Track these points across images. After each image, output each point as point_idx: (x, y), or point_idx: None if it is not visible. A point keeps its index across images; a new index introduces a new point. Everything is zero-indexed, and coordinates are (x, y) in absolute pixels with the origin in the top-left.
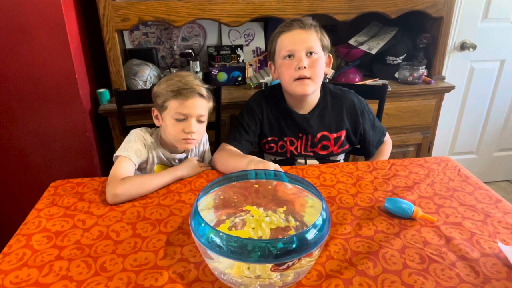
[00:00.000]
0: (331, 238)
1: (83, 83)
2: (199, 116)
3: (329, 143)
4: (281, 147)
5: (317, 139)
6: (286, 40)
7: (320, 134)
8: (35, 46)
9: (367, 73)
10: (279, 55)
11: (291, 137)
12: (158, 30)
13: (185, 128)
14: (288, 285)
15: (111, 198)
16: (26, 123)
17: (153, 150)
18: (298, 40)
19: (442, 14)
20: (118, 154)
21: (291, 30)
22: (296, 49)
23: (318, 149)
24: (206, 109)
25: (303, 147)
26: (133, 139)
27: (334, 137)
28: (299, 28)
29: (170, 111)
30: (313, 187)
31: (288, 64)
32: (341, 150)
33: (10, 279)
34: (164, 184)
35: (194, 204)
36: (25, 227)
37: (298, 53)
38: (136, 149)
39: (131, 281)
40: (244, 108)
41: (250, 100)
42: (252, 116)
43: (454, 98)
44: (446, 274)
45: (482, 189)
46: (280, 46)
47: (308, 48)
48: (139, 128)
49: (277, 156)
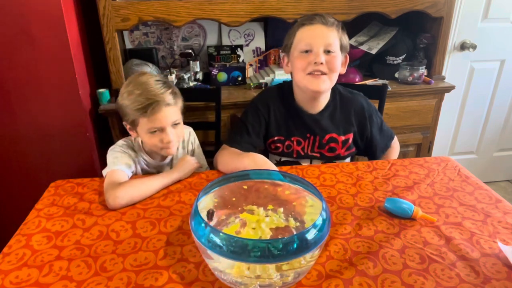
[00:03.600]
0: (331, 238)
1: (83, 83)
2: (173, 122)
3: (337, 145)
4: (288, 147)
5: (325, 140)
6: (306, 34)
7: (328, 135)
8: (35, 46)
9: (367, 73)
10: (296, 48)
11: (299, 137)
12: (158, 30)
13: (163, 139)
14: (288, 285)
15: (113, 200)
16: (26, 123)
17: (138, 165)
18: (318, 35)
19: (442, 14)
20: (109, 169)
21: (313, 24)
22: (314, 44)
23: (326, 150)
24: (178, 112)
25: (310, 147)
26: (120, 155)
27: (342, 140)
28: (321, 24)
29: (142, 127)
30: (313, 187)
31: (305, 57)
32: (348, 153)
33: (10, 279)
34: (163, 186)
35: (194, 204)
36: (25, 227)
37: (316, 48)
38: (125, 162)
39: (131, 281)
40: (249, 108)
41: (256, 99)
42: (257, 116)
43: (454, 98)
44: (446, 274)
45: (482, 189)
46: (299, 39)
47: (327, 45)
48: (118, 145)
49: (283, 157)
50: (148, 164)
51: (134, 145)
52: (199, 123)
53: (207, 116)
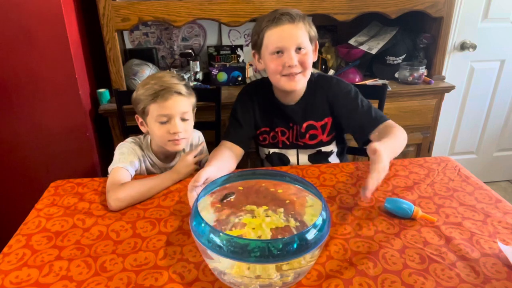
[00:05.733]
0: (331, 238)
1: (83, 83)
2: (183, 114)
3: (316, 131)
4: (273, 137)
5: (304, 129)
6: (275, 36)
7: (306, 123)
8: (35, 46)
9: (367, 73)
10: (267, 49)
11: (282, 128)
12: (158, 30)
13: (170, 129)
14: (288, 285)
15: (114, 202)
16: (26, 123)
17: (143, 164)
18: (287, 36)
19: (442, 14)
20: (114, 166)
21: (280, 25)
22: (285, 46)
23: (307, 139)
24: (188, 105)
25: (294, 137)
26: (126, 151)
27: (320, 125)
28: (288, 23)
29: (152, 116)
30: (313, 187)
31: (277, 59)
32: (330, 138)
33: (10, 279)
34: (164, 188)
35: (194, 204)
36: (25, 227)
37: (288, 51)
38: (131, 160)
39: (131, 281)
40: (237, 102)
41: (241, 94)
42: (246, 108)
43: (454, 98)
44: (446, 274)
45: (482, 189)
46: (267, 41)
47: (297, 44)
48: (128, 141)
49: (271, 149)
50: (153, 164)
51: (142, 143)
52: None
53: (207, 116)
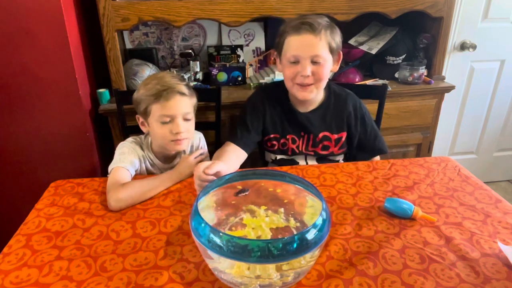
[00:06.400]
0: (331, 238)
1: (83, 83)
2: (185, 114)
3: (330, 143)
4: (283, 144)
5: (319, 138)
6: (293, 44)
7: (322, 134)
8: (35, 46)
9: (367, 73)
10: (285, 55)
11: (293, 135)
12: (158, 30)
13: (173, 129)
14: (288, 285)
15: (115, 203)
16: (26, 123)
17: (143, 164)
18: (305, 46)
19: (442, 14)
20: (114, 166)
21: (300, 34)
22: (301, 56)
23: (319, 148)
24: (190, 106)
25: (305, 145)
26: (127, 151)
27: (335, 138)
28: (308, 33)
29: (154, 116)
30: (313, 187)
31: (293, 68)
32: (341, 151)
33: (10, 279)
34: (164, 188)
35: (194, 204)
36: (25, 227)
37: (303, 60)
38: (131, 160)
39: (131, 281)
40: (247, 105)
41: (252, 97)
42: (255, 112)
43: (454, 98)
44: (446, 274)
45: (482, 189)
46: (287, 47)
47: (313, 56)
48: (128, 141)
49: (278, 155)
50: (153, 164)
51: (143, 143)
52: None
53: (207, 116)
